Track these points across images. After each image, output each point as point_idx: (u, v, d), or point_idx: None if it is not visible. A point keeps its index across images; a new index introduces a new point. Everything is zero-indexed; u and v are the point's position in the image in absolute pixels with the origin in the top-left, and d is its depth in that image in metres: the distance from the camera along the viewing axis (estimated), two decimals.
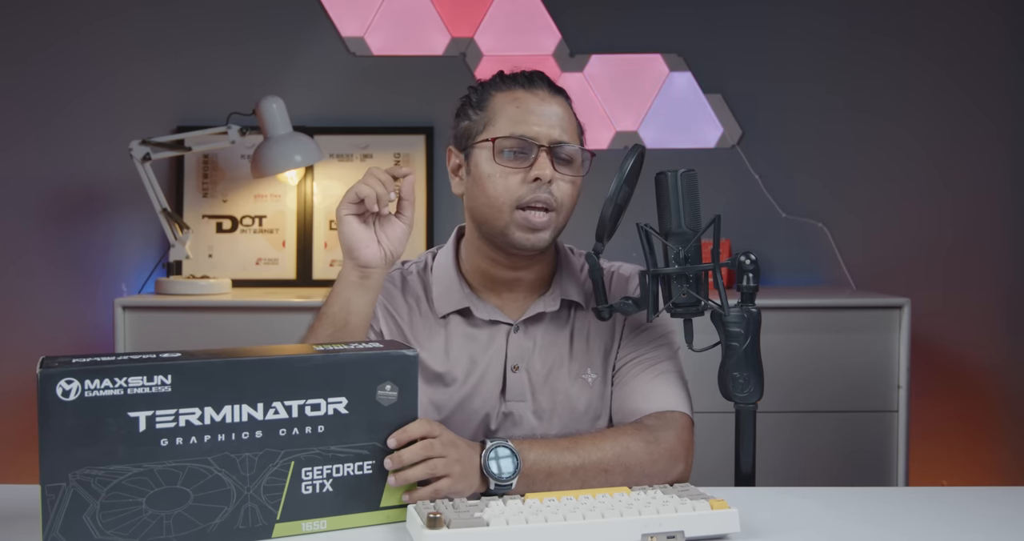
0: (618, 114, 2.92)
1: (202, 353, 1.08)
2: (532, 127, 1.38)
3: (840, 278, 2.91)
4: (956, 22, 2.91)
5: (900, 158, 2.93)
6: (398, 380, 1.15)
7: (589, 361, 1.46)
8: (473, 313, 1.45)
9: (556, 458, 1.28)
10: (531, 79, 1.43)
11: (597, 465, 1.29)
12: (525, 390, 1.44)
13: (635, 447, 1.32)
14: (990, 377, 2.92)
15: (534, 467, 1.25)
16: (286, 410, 1.10)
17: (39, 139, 2.88)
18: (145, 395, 1.04)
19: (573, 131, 1.42)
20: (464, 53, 2.91)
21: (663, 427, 1.37)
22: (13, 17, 2.86)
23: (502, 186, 1.38)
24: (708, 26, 2.92)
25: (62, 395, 1.01)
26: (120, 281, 2.87)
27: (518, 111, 1.39)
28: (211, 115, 2.80)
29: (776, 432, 2.39)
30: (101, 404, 1.02)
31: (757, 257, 1.35)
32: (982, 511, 1.24)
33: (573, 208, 1.43)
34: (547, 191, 1.37)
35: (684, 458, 1.36)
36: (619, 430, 1.36)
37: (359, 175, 2.99)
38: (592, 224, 1.39)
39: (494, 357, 1.44)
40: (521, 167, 1.37)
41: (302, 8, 2.90)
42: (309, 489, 1.11)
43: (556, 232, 1.41)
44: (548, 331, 1.46)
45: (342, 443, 1.12)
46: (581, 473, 1.28)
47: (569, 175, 1.39)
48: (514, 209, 1.37)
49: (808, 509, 1.24)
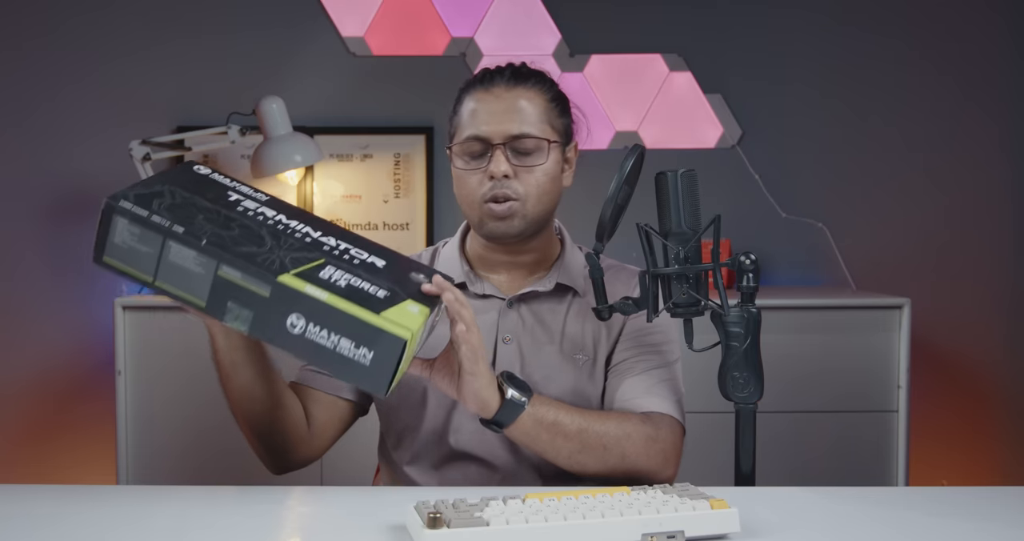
0: (618, 114, 2.93)
1: None
2: (483, 127, 1.43)
3: (840, 278, 2.91)
4: (955, 22, 2.91)
5: (900, 158, 2.93)
6: (430, 276, 1.24)
7: (583, 345, 1.48)
8: (468, 288, 1.50)
9: (564, 413, 1.33)
10: (491, 76, 1.47)
11: (599, 437, 1.33)
12: (515, 361, 1.47)
13: (637, 437, 1.35)
14: (990, 377, 2.92)
15: (542, 409, 1.30)
16: (337, 243, 1.21)
17: (39, 139, 2.87)
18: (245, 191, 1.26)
19: (536, 120, 1.44)
20: (464, 53, 2.91)
21: (664, 428, 1.39)
22: (12, 16, 2.86)
23: (467, 186, 1.45)
24: (708, 26, 2.92)
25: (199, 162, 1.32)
26: (120, 281, 2.87)
27: (474, 112, 1.44)
28: (211, 115, 2.80)
29: (776, 432, 2.39)
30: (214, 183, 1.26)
31: (757, 257, 1.35)
32: (982, 511, 1.24)
33: (550, 195, 1.46)
34: (505, 186, 1.42)
35: (675, 463, 1.39)
36: (625, 416, 1.39)
37: (359, 175, 3.00)
38: (592, 224, 1.39)
39: (487, 328, 1.48)
40: (480, 167, 1.43)
41: (302, 8, 2.90)
42: (327, 275, 1.15)
43: (528, 220, 1.44)
44: (542, 310, 1.50)
45: (370, 277, 1.17)
46: (584, 436, 1.32)
47: (529, 165, 1.43)
48: (482, 203, 1.44)
49: (808, 509, 1.24)
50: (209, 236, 1.14)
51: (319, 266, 1.15)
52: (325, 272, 1.15)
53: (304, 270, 1.14)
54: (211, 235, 1.15)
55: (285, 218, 1.22)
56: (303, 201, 2.88)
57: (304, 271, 1.14)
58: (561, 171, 1.49)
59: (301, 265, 1.15)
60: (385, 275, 1.19)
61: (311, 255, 1.17)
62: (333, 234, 1.23)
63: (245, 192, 1.26)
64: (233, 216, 1.19)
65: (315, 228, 1.22)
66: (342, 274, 1.15)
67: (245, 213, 1.21)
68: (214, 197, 1.22)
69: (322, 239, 1.21)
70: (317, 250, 1.18)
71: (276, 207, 1.24)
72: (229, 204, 1.21)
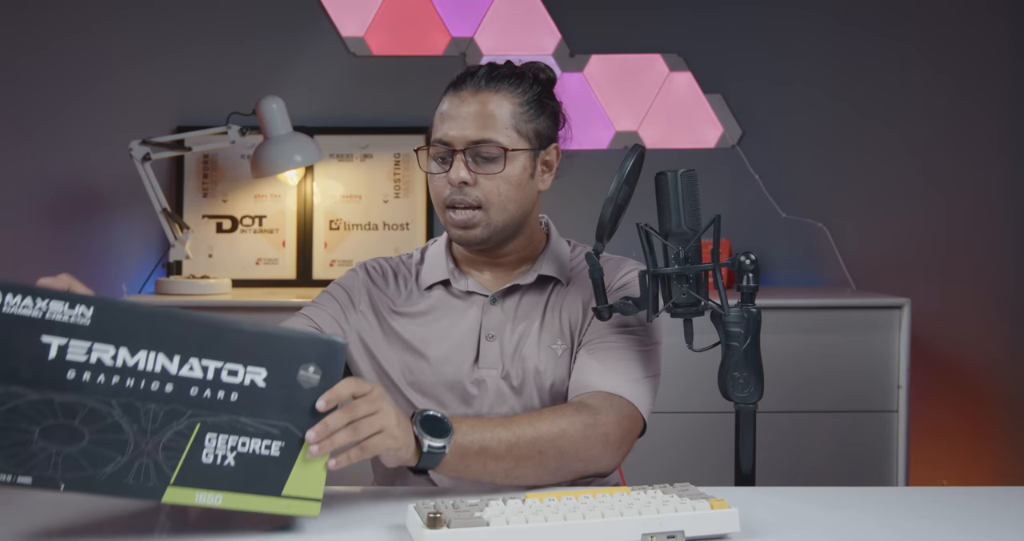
0: (618, 114, 2.93)
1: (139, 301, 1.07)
2: (447, 132, 1.43)
3: (840, 278, 2.91)
4: (955, 23, 2.91)
5: (900, 158, 2.93)
6: (323, 365, 1.10)
7: (560, 333, 1.48)
8: (452, 285, 1.51)
9: (489, 433, 1.27)
10: (464, 79, 1.46)
11: (531, 444, 1.28)
12: (497, 359, 1.46)
13: (572, 430, 1.31)
14: (990, 377, 2.92)
15: (464, 440, 1.24)
16: (202, 369, 1.06)
17: (39, 140, 2.88)
18: (62, 323, 1.01)
19: (503, 124, 1.42)
20: (464, 53, 2.91)
21: (606, 409, 1.35)
22: (13, 18, 2.86)
23: (434, 189, 1.47)
24: (708, 26, 2.92)
25: None
26: (120, 281, 2.87)
27: (441, 117, 1.45)
28: (211, 115, 2.80)
29: (776, 432, 2.39)
30: (16, 322, 1.00)
31: (757, 257, 1.35)
32: (982, 511, 1.24)
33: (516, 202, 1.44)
34: (464, 192, 1.42)
35: (618, 446, 1.34)
36: (559, 410, 1.34)
37: (359, 175, 3.01)
38: (592, 224, 1.39)
39: (470, 326, 1.48)
40: (443, 171, 1.44)
41: (302, 8, 2.90)
42: (210, 458, 1.06)
43: (492, 228, 1.44)
44: (523, 304, 1.50)
45: (253, 416, 1.08)
46: (515, 451, 1.27)
47: (489, 173, 1.42)
48: (445, 209, 1.45)
49: (808, 509, 1.24)
50: (63, 475, 1.01)
51: (197, 441, 1.06)
52: (207, 448, 1.06)
53: (185, 463, 1.05)
54: (63, 471, 1.01)
55: (128, 357, 1.04)
56: (303, 201, 2.88)
57: (185, 466, 1.05)
58: (531, 176, 1.46)
59: (178, 457, 1.05)
60: (270, 399, 1.08)
61: (181, 426, 1.05)
62: (192, 346, 1.06)
63: (60, 324, 1.02)
64: (69, 402, 1.02)
65: (167, 351, 1.05)
66: (224, 441, 1.06)
67: (80, 385, 1.02)
68: (32, 364, 1.01)
69: (183, 374, 1.05)
70: (184, 403, 1.05)
71: (107, 332, 1.03)
72: (55, 375, 1.01)
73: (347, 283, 1.55)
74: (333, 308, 1.52)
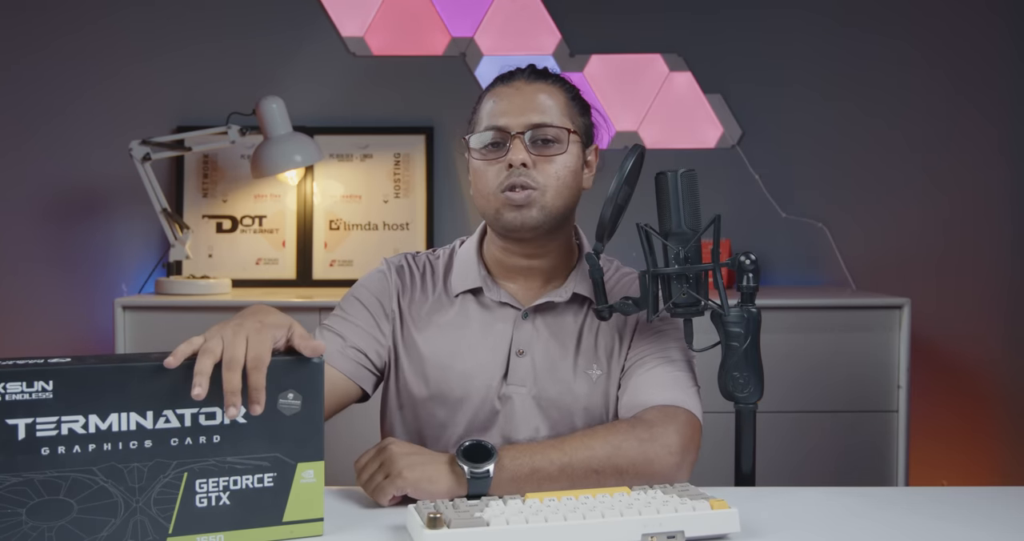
0: (618, 114, 2.93)
1: (91, 358, 1.03)
2: (501, 118, 1.42)
3: (840, 278, 2.91)
4: (955, 23, 2.91)
5: (900, 158, 2.93)
6: (302, 389, 1.08)
7: (596, 358, 1.46)
8: (485, 294, 1.48)
9: (539, 455, 1.26)
10: (512, 73, 1.48)
11: (585, 464, 1.26)
12: (527, 375, 1.44)
13: (628, 446, 1.28)
14: (990, 377, 2.92)
15: (513, 464, 1.24)
16: (178, 419, 1.04)
17: (39, 139, 2.88)
18: (24, 401, 0.98)
19: (557, 112, 1.44)
20: (464, 53, 2.91)
21: (663, 422, 1.33)
22: (13, 18, 2.86)
23: (484, 178, 1.43)
24: (708, 26, 2.92)
25: None
26: (120, 281, 2.87)
27: (494, 106, 1.44)
28: (211, 115, 2.80)
29: (776, 432, 2.39)
30: None
31: (757, 257, 1.35)
32: (982, 511, 1.24)
33: (570, 190, 1.44)
34: (523, 175, 1.40)
35: (681, 455, 1.30)
36: (612, 427, 1.32)
37: (359, 175, 3.01)
38: (592, 224, 1.39)
39: (500, 339, 1.45)
40: (499, 157, 1.42)
41: (302, 8, 2.90)
42: (204, 502, 1.05)
43: (547, 211, 1.42)
44: (557, 322, 1.47)
45: (239, 454, 1.06)
46: (569, 471, 1.26)
47: (549, 155, 1.42)
48: (499, 193, 1.42)
49: (808, 509, 1.24)
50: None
51: (188, 489, 1.05)
52: (200, 493, 1.05)
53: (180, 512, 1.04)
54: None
55: (99, 422, 1.01)
56: (303, 201, 2.88)
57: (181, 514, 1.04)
58: (581, 169, 1.47)
59: (172, 507, 1.04)
60: (254, 434, 1.07)
61: (169, 477, 1.04)
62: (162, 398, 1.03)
63: (23, 404, 0.98)
64: (50, 478, 0.99)
65: (139, 409, 1.02)
66: (216, 484, 1.06)
67: (56, 459, 0.99)
68: (3, 448, 0.98)
69: (160, 427, 1.03)
70: (167, 455, 1.03)
71: (72, 402, 1.00)
72: (28, 455, 0.98)
73: (376, 287, 1.51)
74: (366, 321, 1.48)
